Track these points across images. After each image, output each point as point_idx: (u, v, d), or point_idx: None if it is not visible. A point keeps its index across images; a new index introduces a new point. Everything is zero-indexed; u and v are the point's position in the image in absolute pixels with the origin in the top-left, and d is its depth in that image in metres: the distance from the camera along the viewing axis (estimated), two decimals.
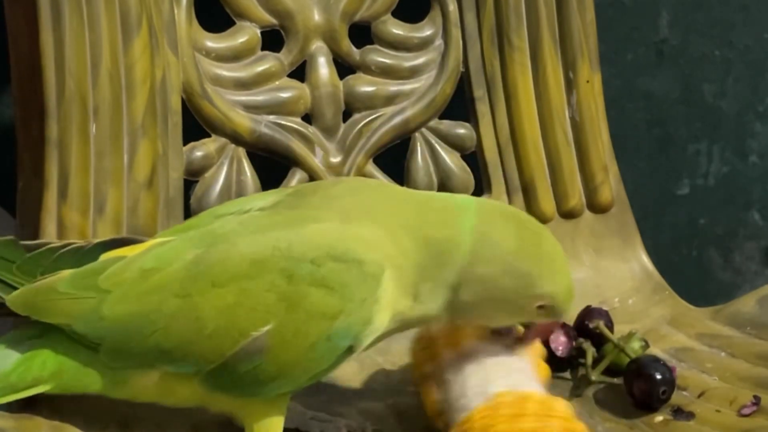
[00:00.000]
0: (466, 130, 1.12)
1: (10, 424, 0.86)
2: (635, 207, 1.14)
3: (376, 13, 1.10)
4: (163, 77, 1.02)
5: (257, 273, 0.81)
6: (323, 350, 0.82)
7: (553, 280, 0.85)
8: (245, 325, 0.81)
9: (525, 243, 0.85)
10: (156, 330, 0.82)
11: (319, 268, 0.81)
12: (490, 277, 0.84)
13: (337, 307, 0.81)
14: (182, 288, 0.82)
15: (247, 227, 0.84)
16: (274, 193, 0.90)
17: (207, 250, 0.83)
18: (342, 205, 0.85)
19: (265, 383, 0.83)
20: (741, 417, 0.93)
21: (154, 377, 0.84)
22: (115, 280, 0.83)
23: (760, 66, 1.30)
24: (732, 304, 1.07)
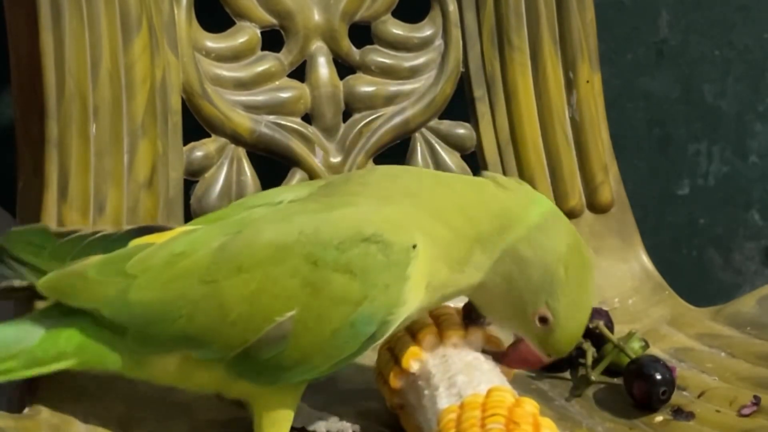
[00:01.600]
0: (466, 130, 1.12)
1: (10, 424, 0.86)
2: (635, 207, 1.14)
3: (376, 13, 1.10)
4: (163, 77, 1.02)
5: (282, 258, 0.82)
6: (346, 336, 0.82)
7: (570, 308, 0.85)
8: (269, 310, 0.82)
9: (572, 258, 0.85)
10: (181, 316, 0.83)
11: (343, 253, 0.81)
12: (526, 260, 0.84)
13: (361, 293, 0.82)
14: (207, 274, 0.82)
15: (276, 215, 0.85)
16: (307, 185, 0.90)
17: (233, 237, 0.83)
18: (379, 189, 0.86)
19: (287, 369, 0.83)
20: (741, 417, 0.93)
21: (176, 361, 0.85)
22: (143, 266, 0.84)
23: (760, 66, 1.30)
24: (732, 304, 1.08)
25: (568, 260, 0.85)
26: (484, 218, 0.85)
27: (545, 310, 0.85)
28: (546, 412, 0.95)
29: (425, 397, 0.87)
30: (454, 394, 0.85)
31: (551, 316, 0.85)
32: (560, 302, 0.84)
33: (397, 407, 0.91)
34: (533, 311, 0.85)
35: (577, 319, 0.86)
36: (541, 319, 0.85)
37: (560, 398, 0.98)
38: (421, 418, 0.88)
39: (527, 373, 1.01)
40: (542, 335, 0.86)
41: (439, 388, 0.86)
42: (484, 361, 0.89)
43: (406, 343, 0.90)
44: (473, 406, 0.82)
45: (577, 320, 0.86)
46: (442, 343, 0.89)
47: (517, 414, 0.80)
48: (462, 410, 0.82)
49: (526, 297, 0.85)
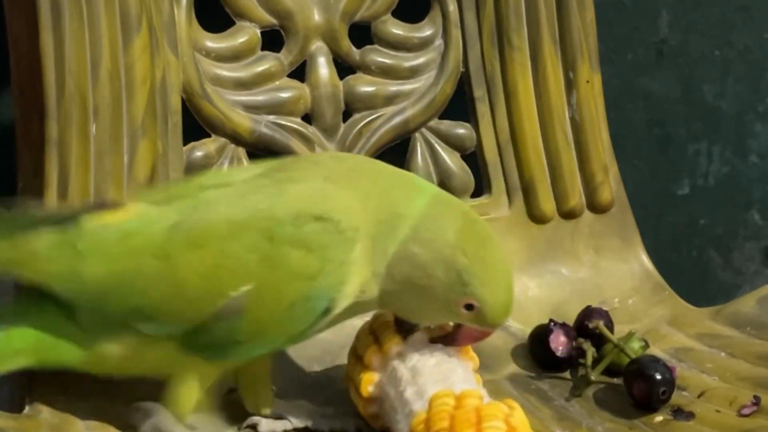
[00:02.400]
0: (466, 130, 1.12)
1: (10, 424, 0.86)
2: (635, 207, 1.14)
3: (376, 13, 1.10)
4: (163, 77, 1.02)
5: (238, 234, 0.82)
6: (301, 311, 0.83)
7: (490, 285, 0.85)
8: (224, 285, 0.82)
9: (466, 240, 0.84)
10: (134, 291, 0.83)
11: (300, 228, 0.82)
12: (422, 261, 0.84)
13: (317, 267, 0.82)
14: (162, 250, 0.83)
15: (230, 193, 0.85)
16: (258, 166, 0.90)
17: (188, 215, 0.84)
18: (325, 168, 0.86)
19: (241, 344, 0.84)
20: (741, 417, 0.93)
21: (128, 341, 0.84)
22: (96, 242, 0.84)
23: (760, 66, 1.30)
24: (732, 304, 1.08)
25: (464, 244, 0.84)
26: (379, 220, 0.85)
27: (467, 299, 0.85)
28: (546, 411, 0.95)
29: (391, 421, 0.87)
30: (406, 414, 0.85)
31: (475, 301, 0.85)
32: (477, 286, 0.84)
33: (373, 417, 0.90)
34: (456, 303, 0.85)
35: (501, 290, 0.86)
36: (467, 307, 0.85)
37: (560, 398, 0.98)
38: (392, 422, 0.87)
39: (527, 373, 1.01)
40: (474, 318, 0.86)
41: (396, 409, 0.86)
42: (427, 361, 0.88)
43: (356, 368, 0.90)
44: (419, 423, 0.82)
45: (502, 290, 0.86)
46: (387, 358, 0.89)
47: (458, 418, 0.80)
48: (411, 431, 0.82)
49: (441, 294, 0.85)
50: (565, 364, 1.01)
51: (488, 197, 1.11)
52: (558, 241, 1.11)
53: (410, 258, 0.84)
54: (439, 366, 0.87)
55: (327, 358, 1.00)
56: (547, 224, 1.11)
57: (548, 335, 1.00)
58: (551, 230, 1.11)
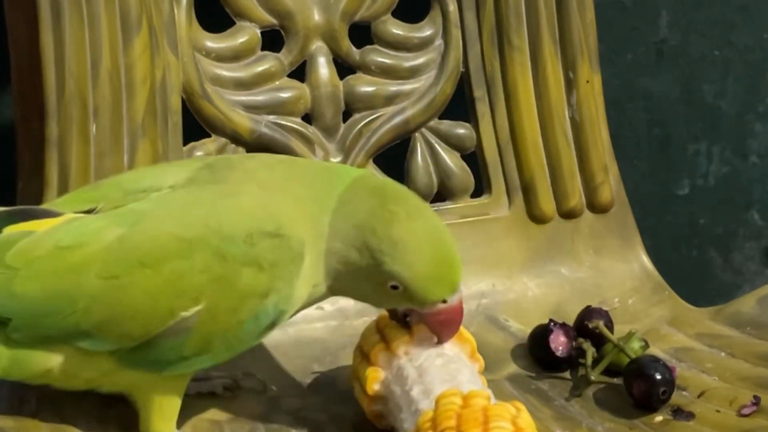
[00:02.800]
0: (466, 130, 1.12)
1: (10, 424, 0.86)
2: (635, 207, 1.14)
3: (376, 13, 1.10)
4: (163, 77, 1.02)
5: (189, 252, 0.81)
6: (249, 328, 0.83)
7: (404, 261, 0.83)
8: (175, 305, 0.81)
9: (377, 218, 0.83)
10: (75, 310, 0.80)
11: (252, 247, 0.81)
12: (341, 252, 0.84)
13: (268, 285, 0.82)
14: (105, 269, 0.80)
15: (170, 205, 0.83)
16: (183, 165, 0.88)
17: (131, 229, 0.81)
18: (260, 179, 0.85)
19: (186, 359, 0.82)
20: (741, 417, 0.93)
21: (61, 355, 0.82)
22: (26, 257, 0.81)
23: (760, 66, 1.30)
24: (732, 304, 1.07)
25: (373, 224, 0.83)
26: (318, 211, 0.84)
27: (389, 280, 0.84)
28: (546, 411, 0.95)
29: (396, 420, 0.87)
30: (413, 412, 0.85)
31: (396, 282, 0.83)
32: (390, 263, 0.83)
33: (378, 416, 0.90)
34: (382, 285, 0.84)
35: (422, 263, 0.83)
36: (393, 287, 0.84)
37: (560, 398, 0.98)
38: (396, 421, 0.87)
39: (527, 373, 1.01)
40: (407, 298, 0.85)
41: (402, 408, 0.86)
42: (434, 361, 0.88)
43: (362, 366, 0.90)
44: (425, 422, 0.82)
45: (424, 263, 0.84)
46: (394, 356, 0.89)
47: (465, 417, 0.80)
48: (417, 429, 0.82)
49: (368, 278, 0.84)
50: (565, 364, 1.01)
51: (488, 197, 1.11)
52: (558, 241, 1.11)
53: (333, 249, 0.84)
54: (446, 366, 0.87)
55: (327, 358, 1.00)
56: (547, 224, 1.11)
57: (548, 335, 1.00)
58: (551, 230, 1.11)
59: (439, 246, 0.85)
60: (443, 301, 0.85)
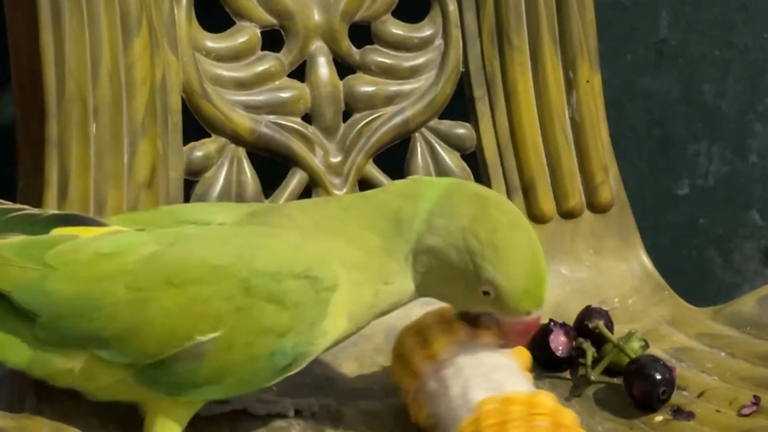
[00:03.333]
0: (466, 130, 1.12)
1: (10, 424, 0.86)
2: (635, 207, 1.14)
3: (376, 13, 1.10)
4: (163, 77, 1.02)
5: (216, 279, 0.82)
6: (264, 365, 0.83)
7: (503, 270, 0.84)
8: (193, 328, 0.81)
9: (482, 223, 0.84)
10: (99, 316, 0.82)
11: (278, 284, 0.82)
12: (438, 250, 0.84)
13: (287, 325, 0.82)
14: (135, 280, 0.82)
15: (210, 234, 0.85)
16: (233, 208, 0.91)
17: (166, 248, 0.83)
18: (297, 223, 0.86)
19: (196, 386, 0.83)
20: (741, 417, 0.93)
21: (81, 360, 0.83)
22: (64, 258, 0.83)
23: (760, 66, 1.30)
24: (732, 304, 1.07)
25: (477, 229, 0.84)
26: (383, 227, 0.85)
27: (483, 285, 0.84)
28: None
29: (453, 387, 0.87)
30: (492, 387, 0.85)
31: (490, 288, 0.84)
32: (489, 270, 0.84)
33: (410, 393, 0.91)
34: (475, 289, 0.85)
35: (520, 274, 0.85)
36: (485, 293, 0.85)
37: (560, 398, 0.98)
38: (442, 407, 0.87)
39: None
40: (497, 305, 0.86)
41: (473, 379, 0.86)
42: (514, 367, 0.89)
43: (438, 333, 0.90)
44: (517, 401, 0.82)
45: (521, 274, 0.85)
46: (474, 340, 0.89)
47: (563, 418, 0.81)
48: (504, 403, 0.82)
49: (462, 281, 0.85)
50: (565, 364, 1.01)
51: None
52: (558, 241, 1.11)
53: (428, 250, 0.85)
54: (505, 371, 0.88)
55: (327, 357, 1.00)
56: (547, 224, 1.11)
57: (548, 335, 1.00)
58: (551, 230, 1.11)
59: (535, 260, 0.86)
60: (527, 312, 0.87)
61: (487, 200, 0.86)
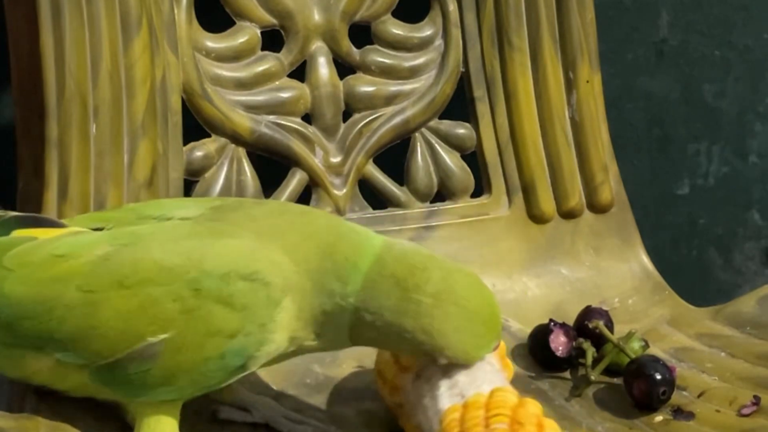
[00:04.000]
0: (466, 130, 1.12)
1: (10, 424, 0.86)
2: (635, 207, 1.14)
3: (376, 13, 1.10)
4: (163, 77, 1.02)
5: (165, 280, 0.82)
6: (215, 366, 0.83)
7: (449, 346, 0.84)
8: (143, 330, 0.81)
9: (407, 314, 0.84)
10: (52, 318, 0.82)
11: (227, 285, 0.82)
12: (380, 326, 0.84)
13: (237, 327, 0.82)
14: (86, 282, 0.82)
15: (164, 233, 0.85)
16: (199, 202, 0.90)
17: (119, 249, 0.83)
18: (259, 226, 0.85)
19: (151, 387, 0.83)
20: (741, 417, 0.93)
21: (47, 362, 0.84)
22: (20, 260, 0.83)
23: (760, 66, 1.30)
24: (732, 304, 1.07)
25: (403, 320, 0.83)
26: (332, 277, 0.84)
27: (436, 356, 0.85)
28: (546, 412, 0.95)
29: (426, 397, 0.87)
30: (456, 394, 0.85)
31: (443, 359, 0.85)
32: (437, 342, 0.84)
33: (397, 406, 0.91)
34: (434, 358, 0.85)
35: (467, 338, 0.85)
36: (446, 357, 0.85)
37: (560, 398, 0.98)
38: (421, 418, 0.88)
39: (527, 373, 1.01)
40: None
41: (441, 387, 0.86)
42: (485, 363, 0.89)
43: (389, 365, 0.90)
44: (477, 406, 0.82)
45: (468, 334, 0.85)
46: None
47: (521, 414, 0.80)
48: (465, 410, 0.82)
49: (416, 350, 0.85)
50: (565, 364, 1.01)
51: (488, 197, 1.11)
52: (558, 241, 1.11)
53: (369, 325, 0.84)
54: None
55: (327, 358, 1.00)
56: (547, 224, 1.11)
57: (548, 335, 1.00)
58: (551, 230, 1.11)
59: (477, 313, 0.85)
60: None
61: (405, 283, 0.84)
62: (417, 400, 0.88)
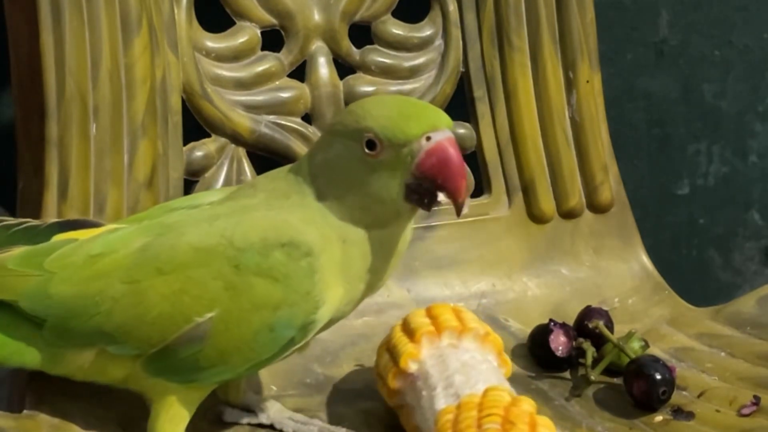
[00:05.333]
0: (466, 130, 1.12)
1: (11, 423, 0.86)
2: (635, 207, 1.14)
3: (376, 13, 1.10)
4: (163, 77, 1.02)
5: (204, 261, 0.83)
6: (265, 340, 0.83)
7: (374, 115, 0.82)
8: (189, 311, 0.83)
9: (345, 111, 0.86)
10: (99, 312, 0.84)
11: (266, 258, 0.82)
12: (322, 158, 0.84)
13: (281, 298, 0.82)
14: (128, 274, 0.84)
15: (196, 217, 0.86)
16: (223, 190, 0.92)
17: (155, 239, 0.85)
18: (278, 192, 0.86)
19: (204, 369, 0.84)
20: (741, 417, 0.93)
21: (91, 356, 0.85)
22: (62, 262, 0.85)
23: (760, 66, 1.30)
24: (732, 304, 1.08)
25: (342, 115, 0.85)
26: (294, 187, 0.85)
27: (365, 137, 0.82)
28: (546, 411, 0.95)
29: (423, 398, 0.87)
30: (451, 395, 0.85)
31: (371, 134, 0.81)
32: (364, 119, 0.82)
33: (397, 407, 0.91)
34: (365, 154, 0.82)
35: (393, 108, 0.83)
36: (370, 145, 0.82)
37: (560, 398, 0.98)
38: (419, 419, 0.88)
39: (527, 373, 1.01)
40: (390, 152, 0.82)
41: (437, 388, 0.86)
42: (482, 360, 0.89)
43: (404, 344, 0.90)
44: (470, 407, 0.82)
45: (395, 107, 0.83)
46: (439, 343, 0.90)
47: (514, 413, 0.80)
48: (459, 410, 0.82)
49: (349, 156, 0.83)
50: (565, 364, 1.01)
51: (488, 197, 1.11)
52: (558, 241, 1.11)
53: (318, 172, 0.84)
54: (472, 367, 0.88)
55: (327, 358, 1.00)
56: (547, 224, 1.11)
57: (548, 335, 1.00)
58: (551, 230, 1.11)
59: (404, 99, 0.87)
60: (425, 137, 0.82)
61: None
62: (415, 401, 0.88)
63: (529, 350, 1.03)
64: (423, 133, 0.81)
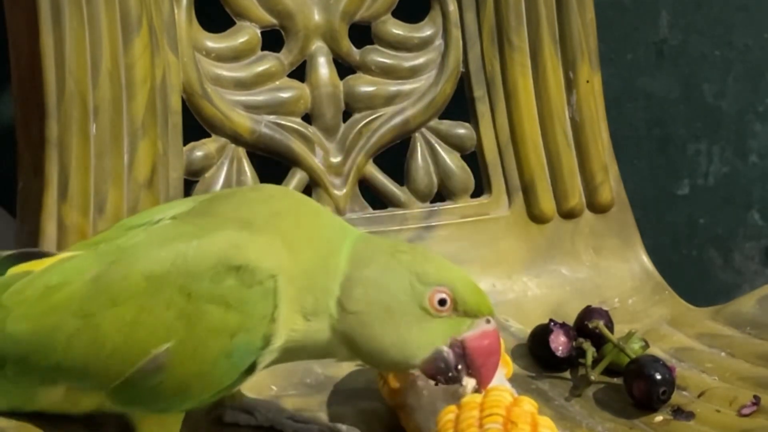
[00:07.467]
0: (466, 130, 1.12)
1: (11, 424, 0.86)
2: (635, 207, 1.14)
3: (376, 13, 1.10)
4: (163, 77, 1.02)
5: (156, 290, 0.80)
6: (224, 367, 0.81)
7: (443, 270, 0.83)
8: (145, 343, 0.80)
9: (399, 249, 0.83)
10: (56, 349, 0.81)
11: (218, 285, 0.80)
12: (374, 277, 0.82)
13: (237, 324, 0.80)
14: (81, 308, 0.81)
15: (151, 240, 0.83)
16: (191, 200, 0.89)
17: (108, 268, 0.82)
18: (250, 211, 0.84)
19: (166, 399, 0.82)
20: (741, 417, 0.93)
21: (61, 391, 0.83)
22: (18, 298, 0.82)
23: (760, 66, 1.30)
24: (732, 304, 1.08)
25: (399, 249, 0.83)
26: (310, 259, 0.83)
27: (434, 291, 0.82)
28: (546, 411, 0.95)
29: (424, 398, 0.87)
30: (452, 395, 0.85)
31: (442, 287, 0.82)
32: (435, 273, 0.82)
33: (398, 407, 0.91)
34: (427, 303, 0.82)
35: (459, 272, 0.83)
36: (441, 302, 0.82)
37: (560, 398, 0.98)
38: (420, 419, 0.88)
39: (527, 373, 1.01)
40: (455, 312, 0.83)
41: (438, 388, 0.86)
42: None
43: None
44: (471, 406, 0.82)
45: (459, 272, 0.84)
46: None
47: (515, 413, 0.80)
48: (460, 410, 0.82)
49: (407, 300, 0.82)
50: (565, 364, 1.01)
51: (488, 197, 1.11)
52: (558, 241, 1.11)
53: (362, 281, 0.82)
54: None
55: None
56: (547, 224, 1.11)
57: (548, 335, 1.00)
58: (551, 230, 1.11)
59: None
60: (487, 318, 0.84)
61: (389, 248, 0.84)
62: (416, 401, 0.88)
63: (529, 350, 1.03)
64: (488, 315, 0.84)
